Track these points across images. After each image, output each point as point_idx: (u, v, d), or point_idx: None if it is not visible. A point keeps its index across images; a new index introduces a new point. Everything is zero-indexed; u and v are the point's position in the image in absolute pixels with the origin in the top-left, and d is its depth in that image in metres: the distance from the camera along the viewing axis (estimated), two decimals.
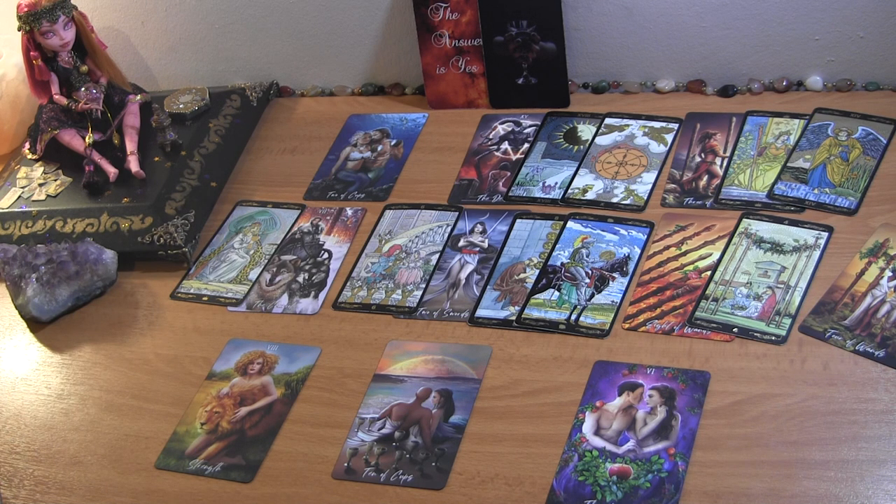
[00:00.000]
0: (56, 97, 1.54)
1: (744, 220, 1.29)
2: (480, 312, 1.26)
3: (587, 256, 1.30)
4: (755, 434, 1.06)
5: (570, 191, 1.40)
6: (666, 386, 1.12)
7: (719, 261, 1.25)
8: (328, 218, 1.45)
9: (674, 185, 1.37)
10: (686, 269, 1.25)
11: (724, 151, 1.40)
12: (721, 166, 1.38)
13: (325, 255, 1.39)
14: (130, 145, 1.53)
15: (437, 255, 1.35)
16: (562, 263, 1.29)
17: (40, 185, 1.55)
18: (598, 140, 1.47)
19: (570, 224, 1.34)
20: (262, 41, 1.68)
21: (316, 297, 1.34)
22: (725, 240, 1.27)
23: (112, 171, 1.50)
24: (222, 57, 1.71)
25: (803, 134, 1.39)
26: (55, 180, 1.55)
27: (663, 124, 1.47)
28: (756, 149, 1.39)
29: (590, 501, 1.04)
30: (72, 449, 1.21)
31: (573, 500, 1.04)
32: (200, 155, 1.54)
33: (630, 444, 1.08)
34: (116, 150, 1.54)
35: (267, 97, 1.69)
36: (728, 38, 1.48)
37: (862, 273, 1.19)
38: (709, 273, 1.24)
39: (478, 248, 1.35)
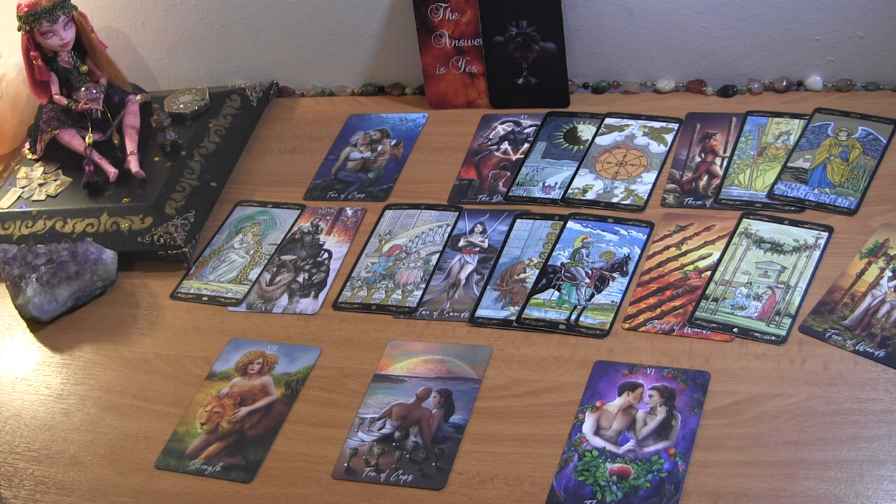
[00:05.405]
0: (56, 97, 1.54)
1: (744, 220, 1.29)
2: (480, 312, 1.26)
3: (587, 256, 1.29)
4: (755, 434, 1.06)
5: (570, 191, 1.40)
6: (666, 386, 1.12)
7: (719, 261, 1.25)
8: (328, 218, 1.45)
9: (674, 185, 1.37)
10: (686, 269, 1.25)
11: (724, 151, 1.40)
12: (721, 166, 1.38)
13: (325, 255, 1.39)
14: (130, 145, 1.53)
15: (437, 255, 1.35)
16: (562, 263, 1.29)
17: (40, 185, 1.55)
18: (598, 140, 1.47)
19: (570, 224, 1.34)
20: (262, 41, 1.68)
21: (316, 297, 1.34)
22: (725, 240, 1.27)
23: (112, 171, 1.50)
24: (222, 57, 1.71)
25: (803, 134, 1.39)
26: (55, 180, 1.55)
27: (663, 124, 1.47)
28: (756, 149, 1.39)
29: (590, 501, 1.04)
30: (72, 449, 1.21)
31: (573, 500, 1.04)
32: (200, 155, 1.54)
33: (630, 444, 1.08)
34: (116, 150, 1.54)
35: (267, 97, 1.69)
36: (728, 38, 1.48)
37: (862, 273, 1.19)
38: (709, 273, 1.24)
39: (478, 248, 1.35)
